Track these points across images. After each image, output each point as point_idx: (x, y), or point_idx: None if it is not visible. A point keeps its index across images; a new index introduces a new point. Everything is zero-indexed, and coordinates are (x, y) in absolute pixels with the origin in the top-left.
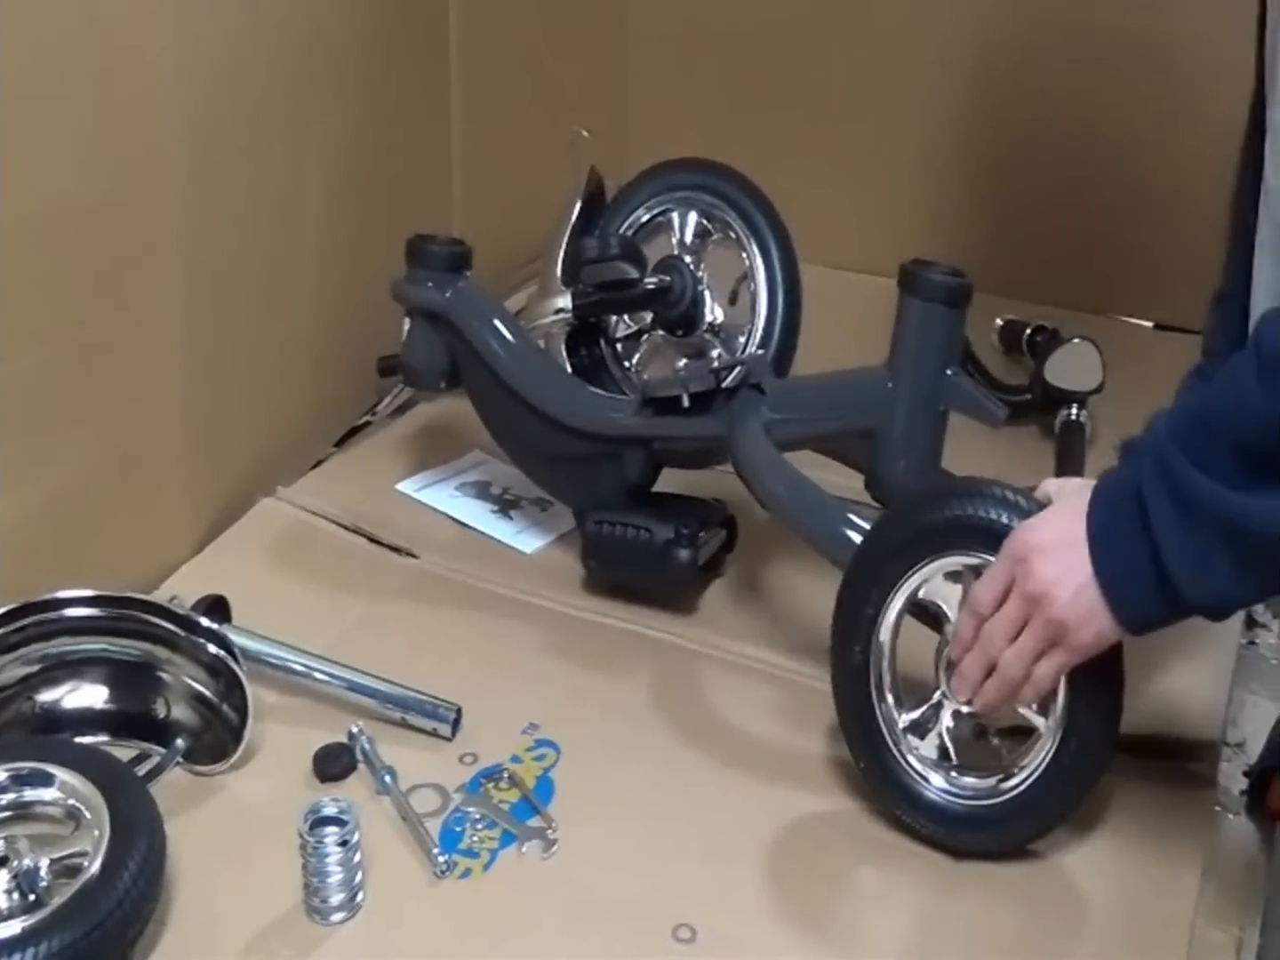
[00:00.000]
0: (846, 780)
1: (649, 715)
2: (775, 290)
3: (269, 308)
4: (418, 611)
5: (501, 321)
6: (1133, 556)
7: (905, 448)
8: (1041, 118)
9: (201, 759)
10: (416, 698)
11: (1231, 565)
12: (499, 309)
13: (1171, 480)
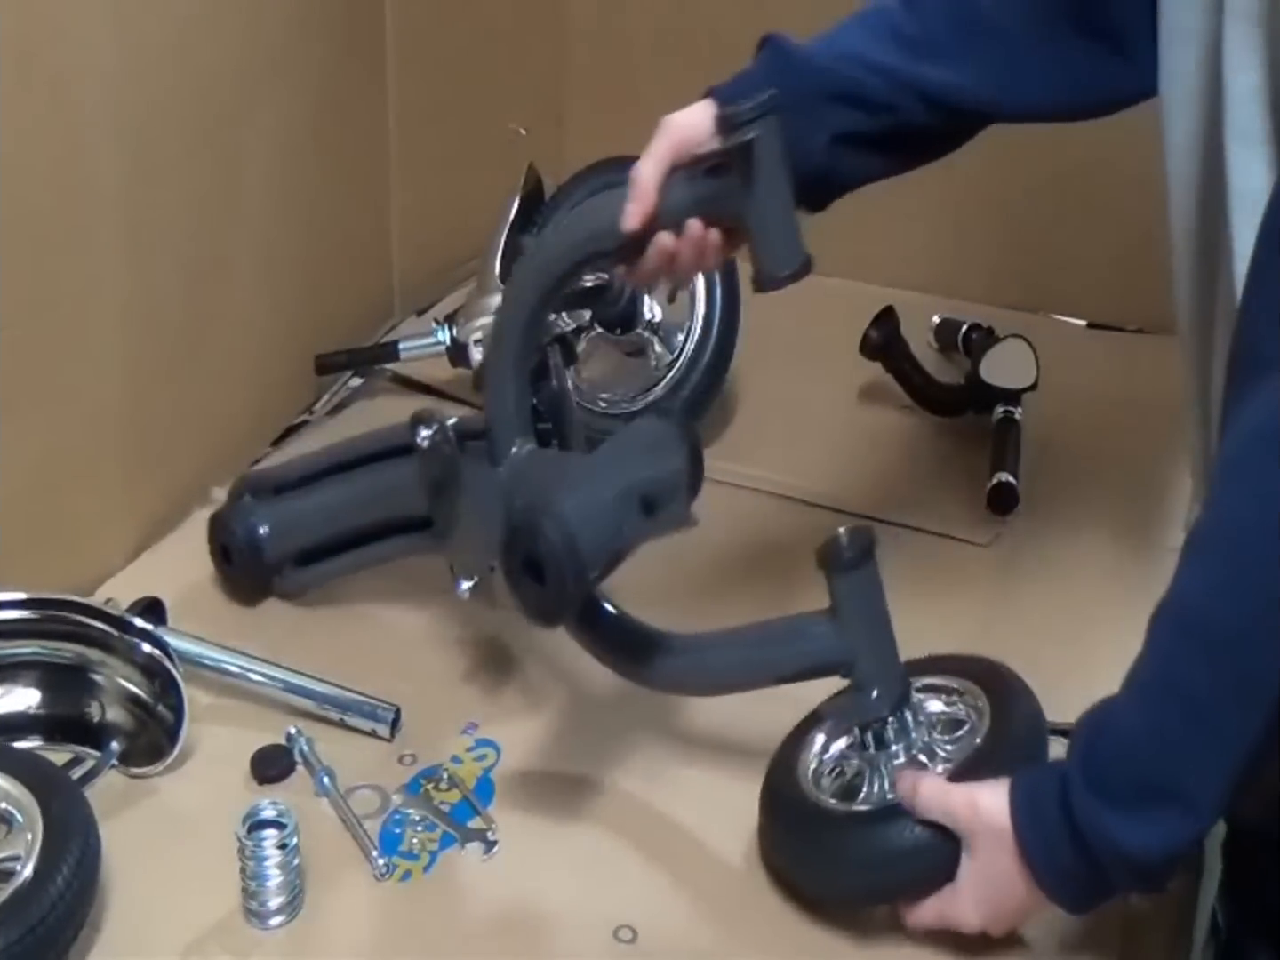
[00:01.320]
0: None
1: (591, 714)
2: (714, 288)
3: (206, 307)
4: (354, 614)
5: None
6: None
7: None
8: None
9: (137, 761)
10: (354, 698)
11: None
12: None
13: (1070, 814)
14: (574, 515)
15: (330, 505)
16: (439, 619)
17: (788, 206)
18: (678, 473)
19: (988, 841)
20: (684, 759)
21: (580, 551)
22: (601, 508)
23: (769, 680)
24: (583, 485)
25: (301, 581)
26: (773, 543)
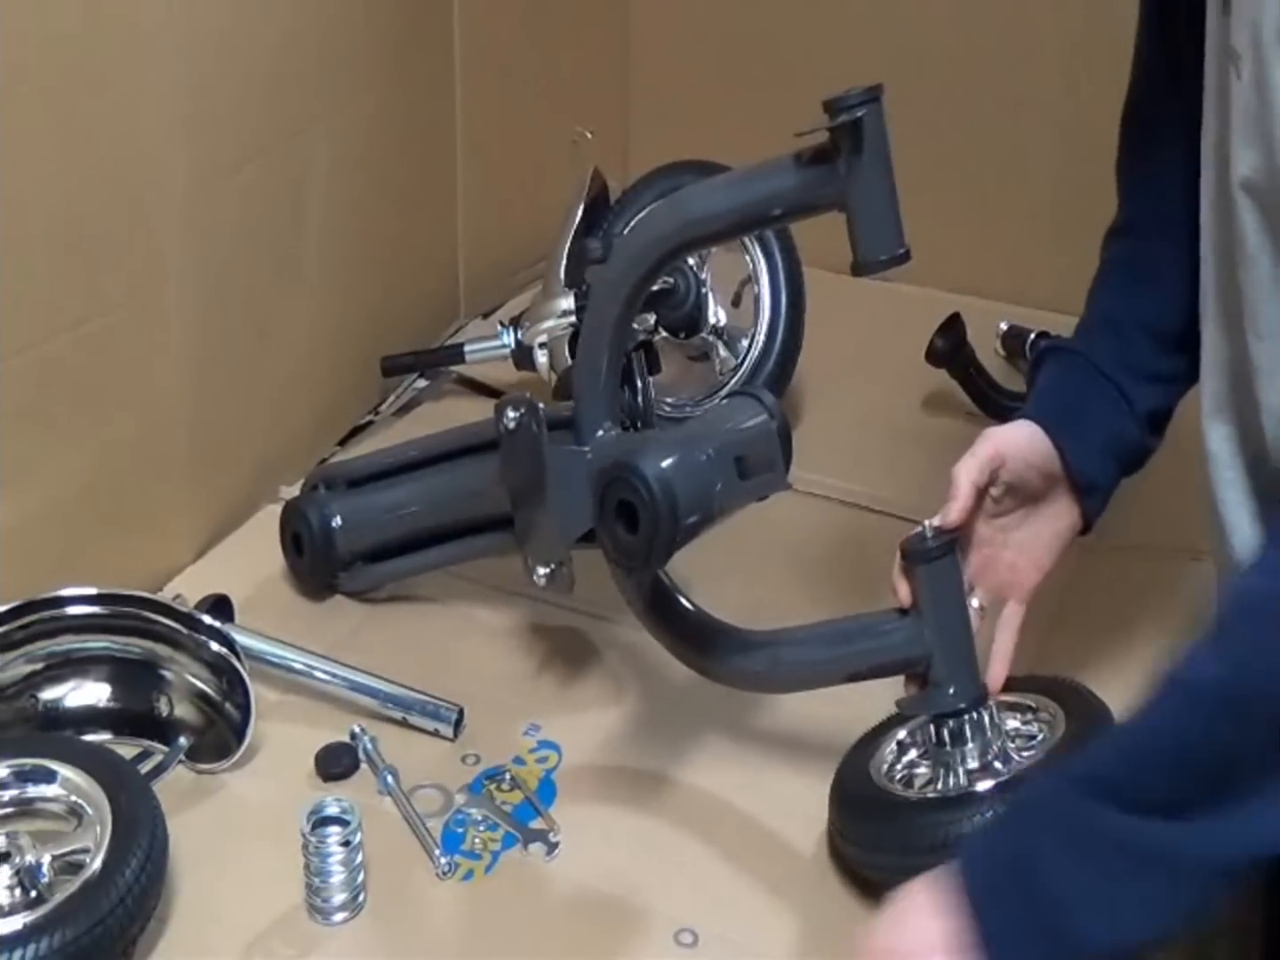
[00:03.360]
0: None
1: (652, 716)
2: (779, 293)
3: (272, 308)
4: (420, 611)
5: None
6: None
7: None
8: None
9: (204, 757)
10: (418, 698)
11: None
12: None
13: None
14: (670, 465)
15: (405, 502)
16: (506, 617)
17: (891, 191)
18: (769, 436)
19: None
20: (752, 758)
21: (675, 497)
22: (696, 463)
23: (844, 677)
24: (677, 445)
25: (371, 578)
26: (837, 549)
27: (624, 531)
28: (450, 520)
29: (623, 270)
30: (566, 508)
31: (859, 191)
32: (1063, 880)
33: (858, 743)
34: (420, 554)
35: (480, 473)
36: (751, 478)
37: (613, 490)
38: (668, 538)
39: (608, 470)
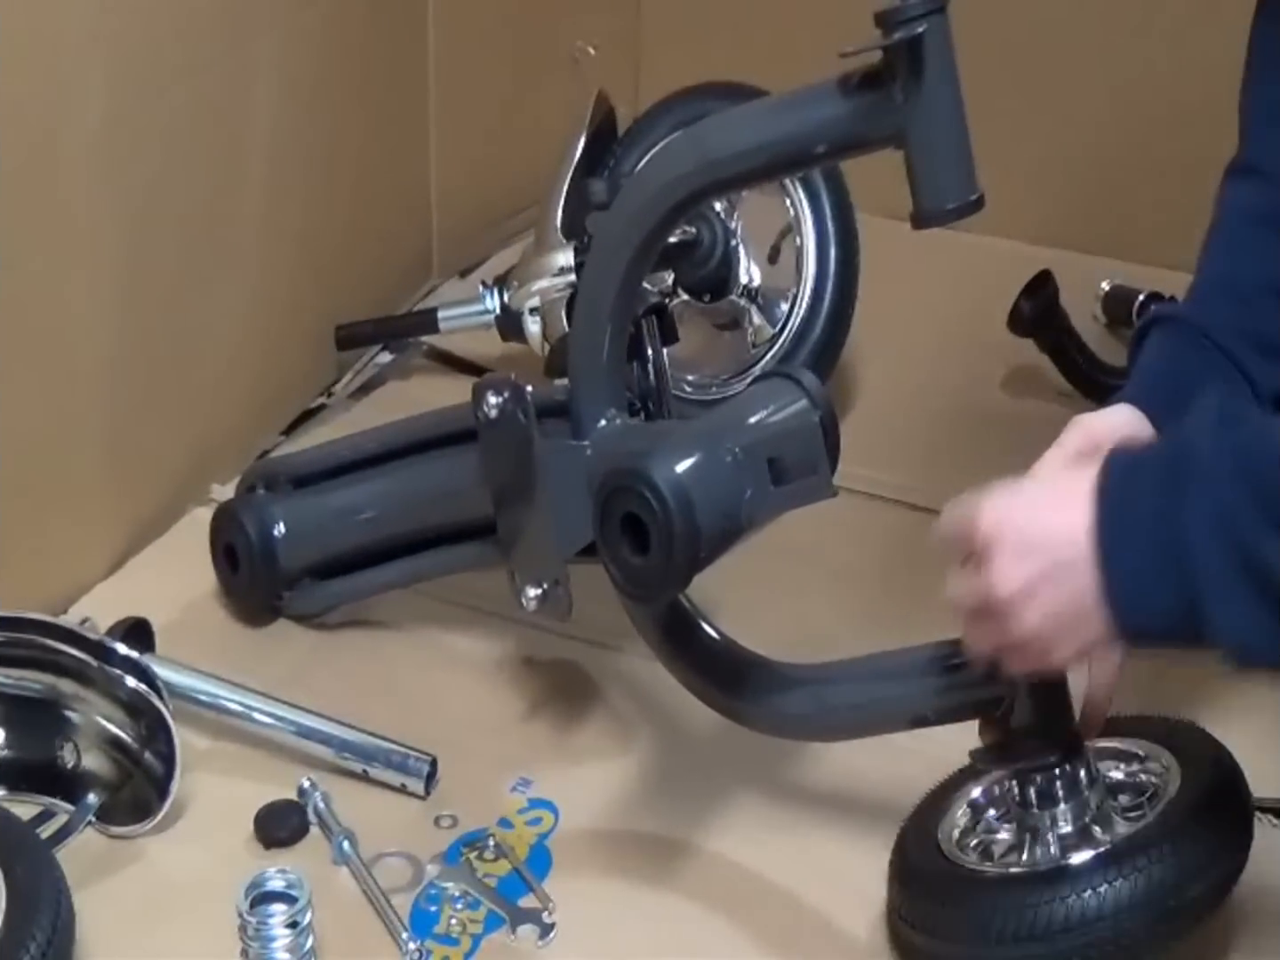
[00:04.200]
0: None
1: (668, 769)
2: (826, 247)
3: (203, 268)
4: (383, 639)
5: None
6: (1161, 608)
7: None
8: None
9: (119, 818)
10: (382, 746)
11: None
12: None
13: (1243, 552)
14: (688, 468)
15: (364, 505)
16: (488, 647)
17: (959, 124)
18: (811, 429)
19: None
20: (791, 822)
21: (694, 510)
22: (719, 467)
23: (906, 722)
24: (697, 444)
25: (322, 599)
26: (897, 562)
27: (631, 553)
28: (419, 527)
29: (632, 218)
30: (562, 514)
31: (920, 124)
32: (1223, 609)
33: (923, 803)
34: (383, 569)
35: (456, 469)
36: (789, 482)
37: (617, 501)
38: (685, 561)
39: (611, 476)
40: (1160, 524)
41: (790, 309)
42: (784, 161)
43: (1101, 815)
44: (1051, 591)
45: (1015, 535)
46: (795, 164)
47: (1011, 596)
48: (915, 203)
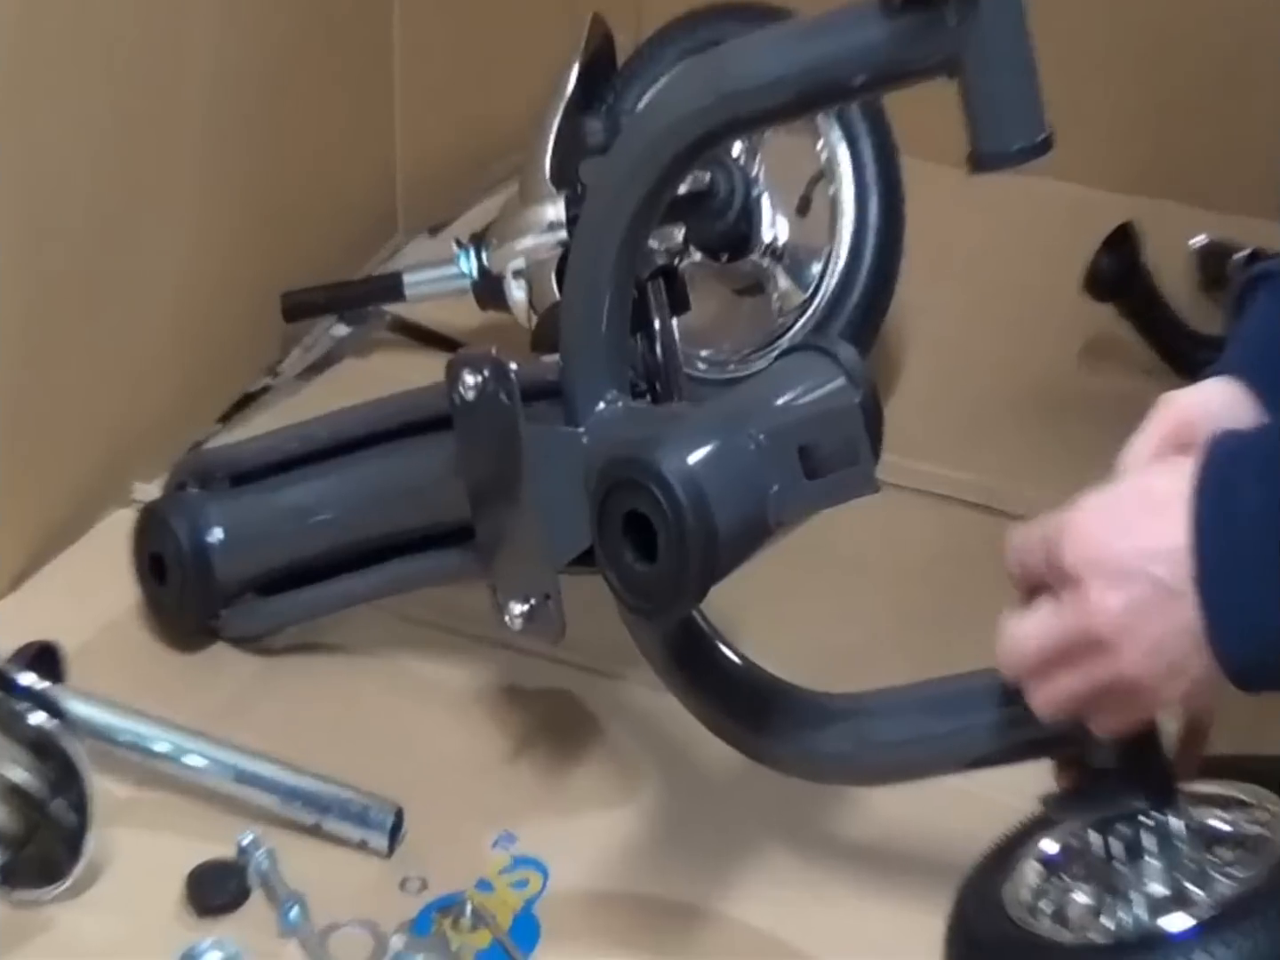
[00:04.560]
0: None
1: (678, 819)
2: (865, 197)
3: (124, 226)
4: (339, 666)
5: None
6: (1266, 597)
7: None
8: None
9: (23, 880)
10: (338, 794)
11: None
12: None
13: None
14: (702, 461)
15: (316, 506)
16: (465, 675)
17: (1024, 49)
18: (850, 412)
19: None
20: (827, 882)
21: (710, 508)
22: (740, 457)
23: (964, 762)
24: (713, 429)
25: (267, 617)
26: (951, 570)
27: (636, 560)
28: (382, 532)
29: (635, 163)
30: (553, 514)
31: (978, 49)
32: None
33: (985, 860)
34: (339, 582)
35: (426, 463)
36: (823, 475)
37: (619, 498)
38: (700, 569)
39: (611, 468)
40: (1273, 528)
41: (823, 270)
42: (815, 95)
43: (1199, 872)
44: (1153, 623)
45: (1107, 556)
46: (829, 98)
47: (1111, 633)
48: (972, 144)
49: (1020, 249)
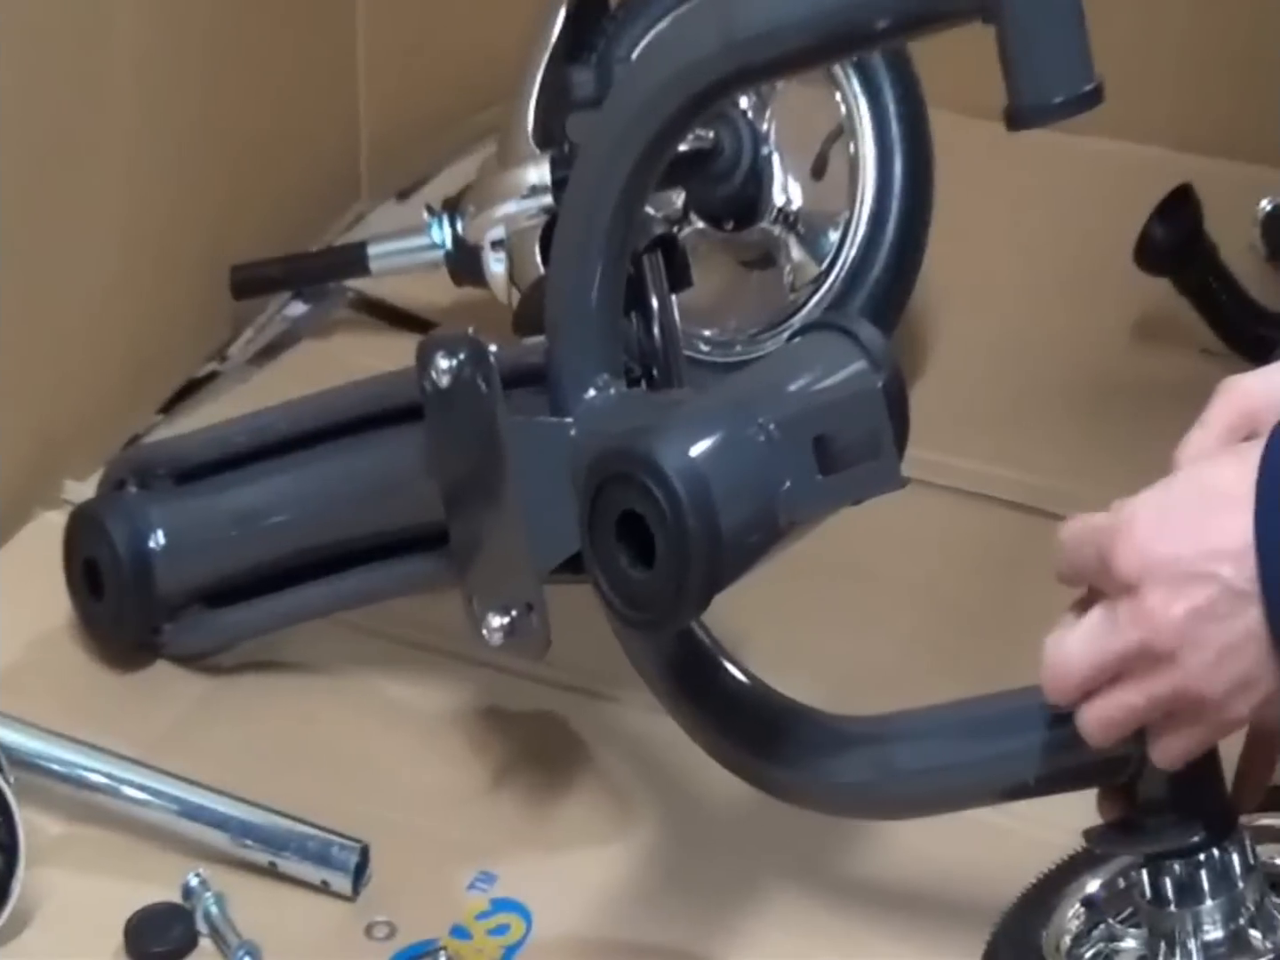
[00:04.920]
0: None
1: (677, 857)
2: (889, 157)
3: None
4: (296, 686)
5: None
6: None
7: None
8: None
9: None
10: (296, 829)
11: None
12: None
13: None
14: (705, 454)
15: (269, 506)
16: (438, 696)
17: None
18: (871, 399)
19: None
20: (845, 926)
21: (714, 506)
22: (748, 449)
23: (999, 792)
24: (718, 418)
25: (215, 633)
26: (986, 577)
27: (630, 565)
28: (345, 537)
29: (630, 119)
30: (537, 515)
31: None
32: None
33: (1021, 901)
34: (296, 593)
35: (394, 458)
36: (842, 470)
37: (611, 496)
38: (702, 576)
39: (602, 462)
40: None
41: (842, 239)
42: (834, 41)
43: (1261, 915)
44: (1219, 631)
45: (1165, 560)
46: (849, 45)
47: (1173, 644)
48: (1010, 96)
49: (1065, 215)
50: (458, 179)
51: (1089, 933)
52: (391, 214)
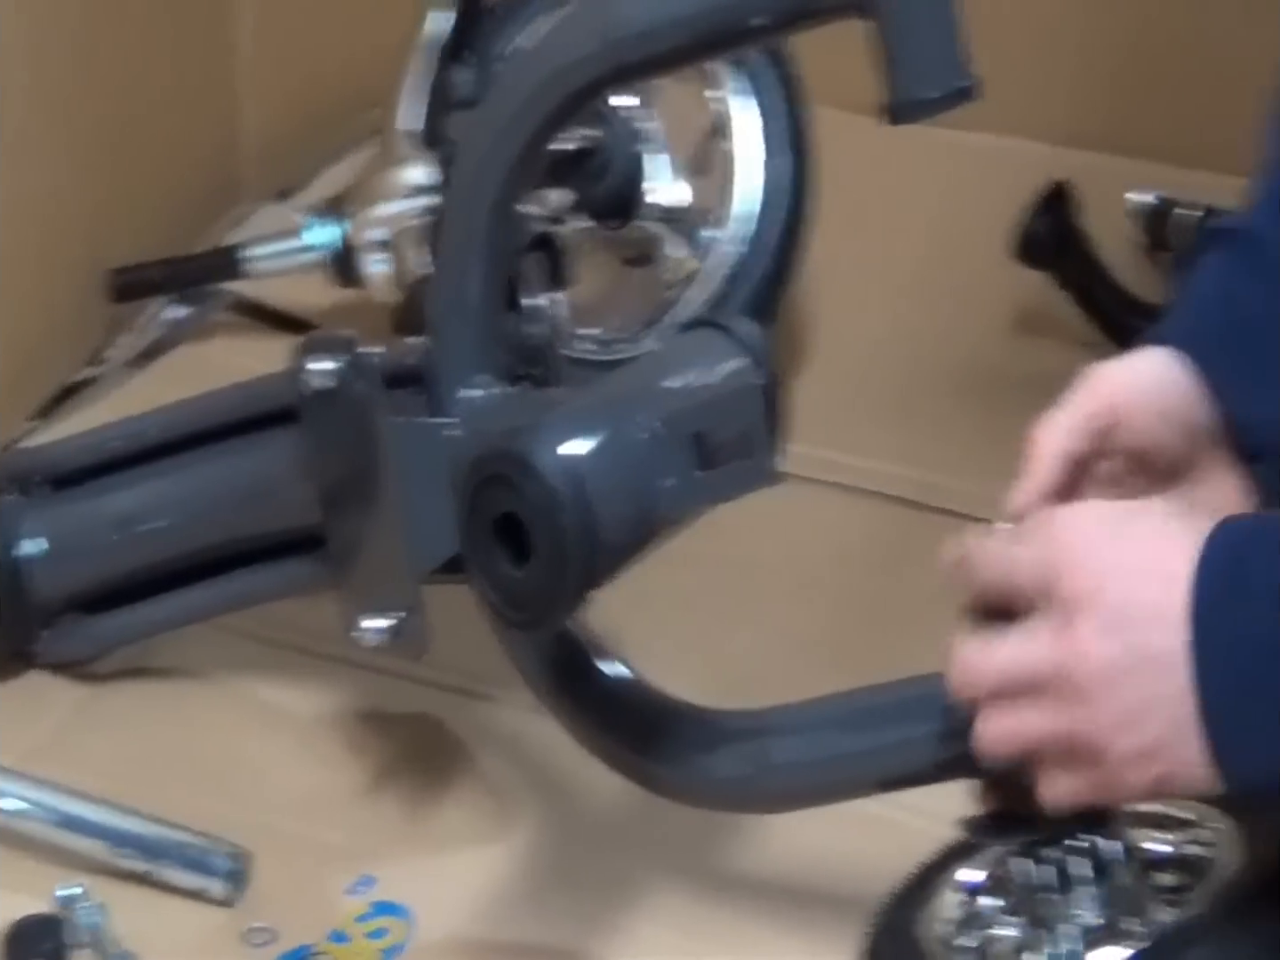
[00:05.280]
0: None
1: (560, 857)
2: (769, 152)
3: None
4: (174, 692)
5: None
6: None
7: None
8: None
9: None
10: (173, 837)
11: None
12: None
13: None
14: (585, 452)
15: (146, 511)
16: (317, 699)
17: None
18: (750, 396)
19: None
20: (727, 921)
21: (592, 504)
22: (627, 447)
23: (873, 784)
24: (597, 416)
25: (92, 639)
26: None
27: (509, 564)
28: (223, 541)
29: (510, 118)
30: (416, 517)
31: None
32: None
33: (900, 891)
34: (174, 597)
35: (272, 461)
36: (720, 466)
37: (489, 496)
38: (580, 573)
39: (481, 463)
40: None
41: (721, 236)
42: (712, 38)
43: (1137, 901)
44: (1138, 689)
45: (1110, 598)
46: (727, 42)
47: (1091, 682)
48: (889, 90)
49: (943, 210)
50: (340, 180)
51: (968, 921)
52: (273, 215)
